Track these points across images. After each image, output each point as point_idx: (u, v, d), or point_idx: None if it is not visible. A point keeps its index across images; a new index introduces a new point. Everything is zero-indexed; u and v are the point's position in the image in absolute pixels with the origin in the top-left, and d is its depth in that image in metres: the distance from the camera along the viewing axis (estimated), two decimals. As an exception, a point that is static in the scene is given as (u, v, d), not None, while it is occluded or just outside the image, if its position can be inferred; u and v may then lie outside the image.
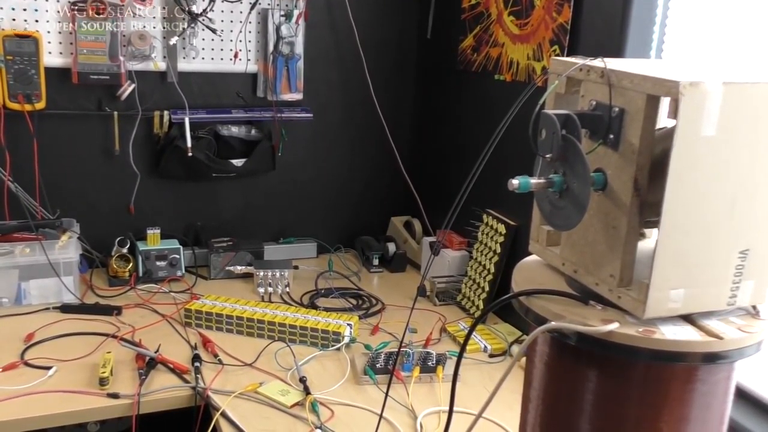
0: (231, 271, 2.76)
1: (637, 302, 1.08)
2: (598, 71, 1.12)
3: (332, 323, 2.27)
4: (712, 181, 1.03)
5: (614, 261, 1.11)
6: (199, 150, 2.74)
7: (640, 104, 1.04)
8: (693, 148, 1.01)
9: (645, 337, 1.04)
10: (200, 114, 2.76)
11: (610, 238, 1.12)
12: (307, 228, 3.09)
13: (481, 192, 2.26)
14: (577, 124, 1.09)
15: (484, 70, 2.59)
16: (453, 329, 2.39)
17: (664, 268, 1.05)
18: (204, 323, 2.34)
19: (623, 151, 1.08)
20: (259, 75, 2.84)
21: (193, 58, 2.71)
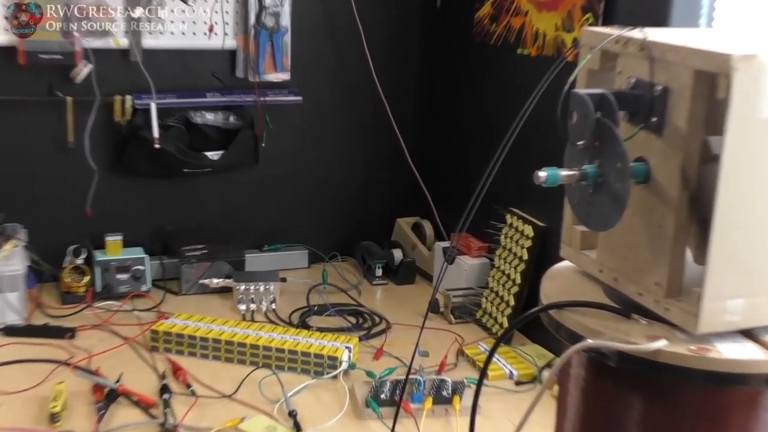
0: (206, 285, 2.77)
1: (688, 315, 1.08)
2: (638, 43, 1.13)
3: (327, 346, 2.29)
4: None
5: (660, 267, 1.12)
6: (168, 141, 2.76)
7: (686, 81, 1.05)
8: (749, 132, 1.02)
9: (698, 356, 1.05)
10: (169, 98, 2.77)
11: (655, 240, 1.13)
12: (296, 233, 3.10)
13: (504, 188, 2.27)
14: (613, 105, 1.10)
15: (505, 43, 2.61)
16: (472, 352, 2.40)
17: (719, 273, 1.06)
18: (174, 347, 2.35)
19: (668, 136, 1.09)
20: (239, 52, 2.85)
21: (160, 33, 2.72)
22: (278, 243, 3.07)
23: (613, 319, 1.15)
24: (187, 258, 2.80)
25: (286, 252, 3.06)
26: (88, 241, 2.75)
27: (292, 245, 3.08)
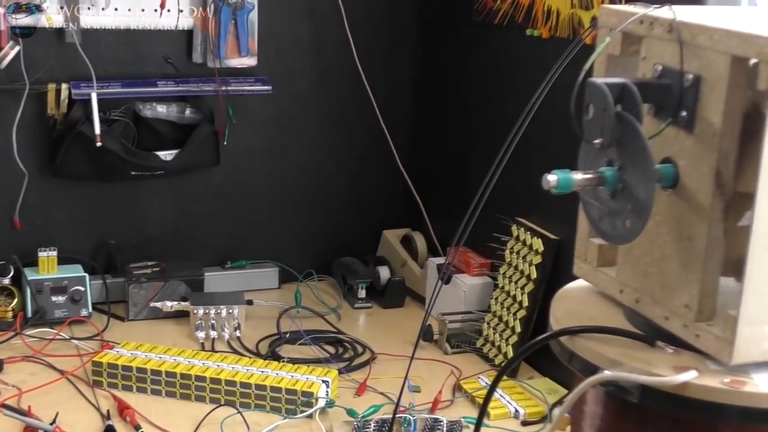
0: (158, 309, 2.77)
1: (721, 342, 1.10)
2: (666, 24, 1.15)
3: (301, 380, 2.29)
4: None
5: (690, 285, 1.13)
6: (112, 138, 2.76)
7: (722, 69, 1.07)
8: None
9: (733, 390, 1.06)
10: (113, 87, 2.78)
11: (684, 254, 1.14)
12: (265, 247, 3.11)
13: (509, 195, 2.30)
14: (636, 96, 1.11)
15: (512, 23, 2.63)
16: (471, 387, 2.42)
17: (757, 294, 1.07)
18: (120, 382, 2.36)
19: (700, 133, 1.10)
20: (196, 32, 2.86)
21: (102, 10, 2.73)
22: (243, 259, 3.08)
23: (635, 348, 1.17)
24: (135, 277, 2.80)
25: (253, 270, 3.07)
26: (16, 257, 2.75)
27: (259, 262, 3.09)
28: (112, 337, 2.63)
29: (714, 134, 1.09)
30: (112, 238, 2.94)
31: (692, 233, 1.13)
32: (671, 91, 1.13)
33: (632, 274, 1.24)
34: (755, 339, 1.09)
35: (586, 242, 1.33)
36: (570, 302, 1.32)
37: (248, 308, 2.79)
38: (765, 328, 1.09)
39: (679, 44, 1.12)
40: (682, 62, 1.12)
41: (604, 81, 1.12)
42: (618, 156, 1.14)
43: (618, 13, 1.23)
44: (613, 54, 1.24)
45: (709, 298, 1.13)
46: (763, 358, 1.11)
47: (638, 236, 1.15)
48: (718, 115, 1.08)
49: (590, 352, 1.17)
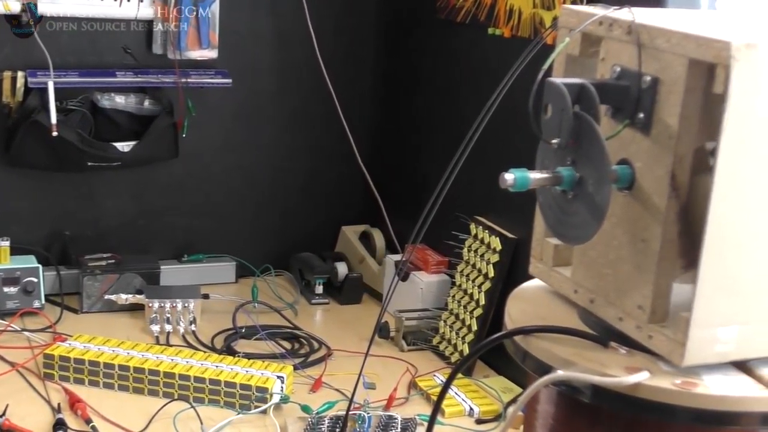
0: (112, 302, 2.76)
1: (673, 344, 1.11)
2: (625, 25, 1.15)
3: (256, 376, 2.29)
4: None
5: (644, 287, 1.14)
6: (68, 128, 2.74)
7: (679, 72, 1.08)
8: (749, 132, 1.04)
9: (684, 391, 1.07)
10: (71, 77, 2.76)
11: (638, 256, 1.15)
12: (222, 241, 3.10)
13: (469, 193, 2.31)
14: (594, 97, 1.12)
15: (474, 21, 2.63)
16: (426, 384, 2.42)
17: (710, 297, 1.08)
18: (72, 375, 2.34)
19: (657, 135, 1.11)
20: (156, 23, 2.85)
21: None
22: (200, 253, 3.07)
23: (589, 348, 1.17)
24: (89, 269, 2.79)
25: (210, 264, 3.06)
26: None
27: (216, 256, 3.08)
28: (65, 330, 2.61)
29: (670, 137, 1.09)
30: (67, 229, 2.92)
31: (647, 235, 1.13)
32: (629, 92, 1.14)
33: (587, 274, 1.24)
34: (707, 341, 1.10)
35: (542, 242, 1.34)
36: (525, 302, 1.33)
37: (204, 302, 2.78)
38: (717, 331, 1.10)
39: (638, 46, 1.13)
40: (640, 64, 1.12)
41: (563, 81, 1.12)
42: (575, 156, 1.15)
43: (578, 13, 1.24)
44: (572, 54, 1.25)
45: (663, 299, 1.14)
46: (714, 360, 1.12)
47: (594, 237, 1.15)
48: (674, 118, 1.09)
49: (544, 352, 1.18)
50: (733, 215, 1.07)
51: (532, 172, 1.15)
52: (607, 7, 1.21)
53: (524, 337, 1.21)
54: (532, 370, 1.19)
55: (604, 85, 1.15)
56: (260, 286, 2.96)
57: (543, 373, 1.15)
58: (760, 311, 1.12)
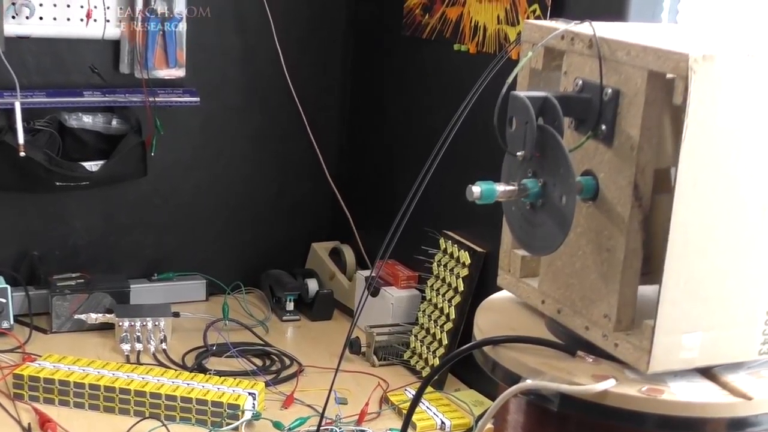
0: (82, 321, 2.75)
1: (639, 351, 1.13)
2: (586, 39, 1.17)
3: (228, 393, 2.29)
4: (734, 186, 1.09)
5: (610, 296, 1.16)
6: (36, 148, 2.73)
7: (639, 84, 1.10)
8: (709, 142, 1.06)
9: (650, 398, 1.09)
10: (38, 97, 2.75)
11: (603, 265, 1.17)
12: (192, 259, 3.10)
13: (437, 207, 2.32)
14: (558, 110, 1.13)
15: (440, 38, 2.65)
16: (398, 399, 2.43)
17: (674, 304, 1.10)
18: (42, 395, 2.33)
19: (619, 146, 1.13)
20: (123, 42, 2.85)
21: (26, 18, 2.70)
22: (170, 271, 3.06)
23: (557, 357, 1.19)
24: (59, 289, 2.77)
25: (180, 282, 3.05)
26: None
27: (186, 274, 3.07)
28: (35, 350, 2.60)
29: (632, 148, 1.11)
30: (36, 248, 2.90)
31: (611, 245, 1.15)
32: (591, 104, 1.16)
33: (554, 284, 1.26)
34: (672, 348, 1.12)
35: (510, 253, 1.36)
36: (494, 313, 1.34)
37: (175, 320, 2.77)
38: (681, 337, 1.12)
39: (599, 59, 1.14)
40: (601, 77, 1.14)
41: (527, 94, 1.14)
42: (540, 168, 1.16)
43: (540, 28, 1.26)
44: (535, 68, 1.27)
45: (628, 308, 1.16)
46: (679, 367, 1.13)
47: (559, 248, 1.17)
48: (635, 129, 1.11)
49: (512, 362, 1.19)
50: (695, 223, 1.09)
51: (498, 185, 1.17)
52: (569, 22, 1.22)
53: (493, 348, 1.22)
54: (501, 379, 1.20)
55: (567, 98, 1.17)
56: (231, 304, 2.95)
57: (512, 382, 1.16)
58: (723, 317, 1.14)
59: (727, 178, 1.09)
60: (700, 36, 1.31)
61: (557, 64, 1.25)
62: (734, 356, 1.16)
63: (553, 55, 1.25)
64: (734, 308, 1.14)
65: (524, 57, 1.26)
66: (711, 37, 1.31)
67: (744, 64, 1.06)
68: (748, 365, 1.17)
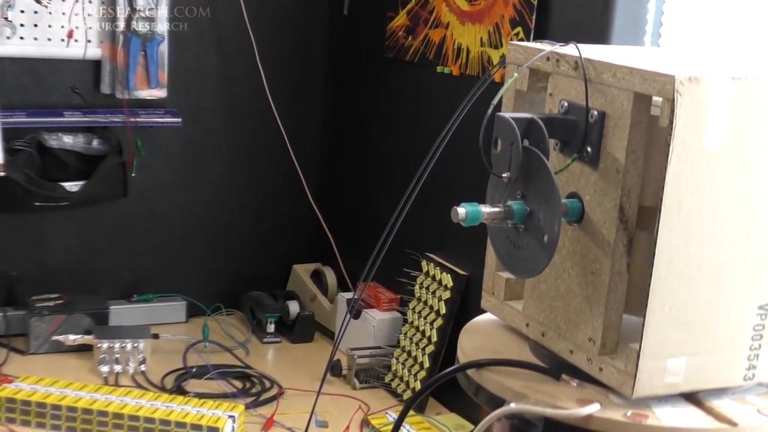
0: (60, 343, 2.73)
1: (624, 376, 1.12)
2: (572, 61, 1.17)
3: (207, 415, 2.27)
4: (720, 209, 1.09)
5: (594, 319, 1.16)
6: (15, 168, 2.72)
7: (625, 106, 1.10)
8: (694, 165, 1.06)
9: (635, 423, 1.09)
10: (17, 116, 2.74)
11: (588, 288, 1.16)
12: (172, 280, 3.08)
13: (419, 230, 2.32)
14: (543, 131, 1.13)
15: (423, 60, 2.66)
16: (379, 422, 2.42)
17: (659, 328, 1.10)
18: (18, 417, 2.30)
19: (605, 169, 1.13)
20: (105, 63, 2.84)
21: (7, 38, 2.69)
22: (150, 293, 3.05)
23: (541, 381, 1.18)
24: (37, 310, 2.75)
25: (160, 303, 3.03)
26: None
27: (166, 295, 3.05)
28: (12, 371, 2.57)
29: (618, 170, 1.11)
30: (14, 269, 2.88)
31: (596, 268, 1.15)
32: (577, 126, 1.16)
33: (538, 307, 1.26)
34: (657, 372, 1.12)
35: (494, 276, 1.35)
36: (477, 335, 1.33)
37: (154, 342, 2.75)
38: (667, 362, 1.12)
39: (585, 81, 1.14)
40: (587, 99, 1.14)
41: (512, 115, 1.14)
42: (525, 190, 1.16)
43: (525, 49, 1.26)
44: (520, 90, 1.27)
45: (613, 331, 1.15)
46: (664, 392, 1.13)
47: (544, 270, 1.16)
48: (621, 152, 1.11)
49: (496, 385, 1.18)
50: (680, 247, 1.09)
51: (483, 206, 1.17)
52: (554, 44, 1.23)
53: (477, 371, 1.22)
54: (484, 403, 1.20)
55: (552, 120, 1.17)
56: (211, 326, 2.94)
57: (495, 406, 1.16)
58: (708, 342, 1.13)
59: (711, 202, 1.09)
60: (685, 59, 1.31)
61: (542, 85, 1.25)
62: (719, 381, 1.16)
63: (538, 76, 1.25)
64: (719, 333, 1.14)
65: (510, 78, 1.26)
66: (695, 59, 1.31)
67: (730, 87, 1.06)
68: (733, 391, 1.17)
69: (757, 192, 1.11)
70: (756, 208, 1.11)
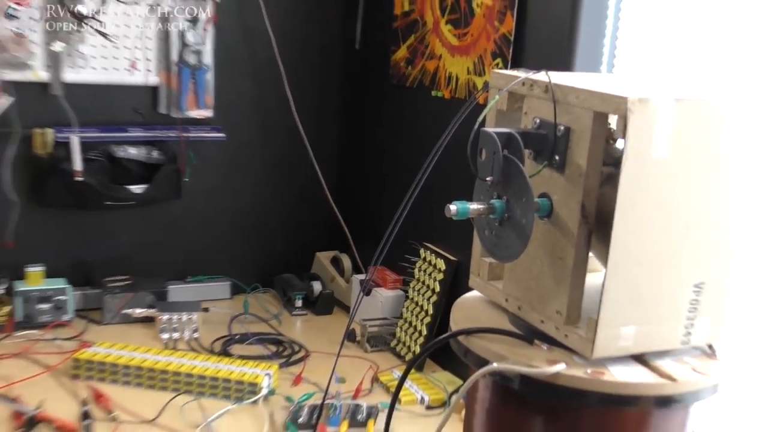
0: (129, 315, 2.73)
1: (585, 341, 1.12)
2: (543, 86, 1.18)
3: (248, 373, 2.27)
4: (664, 206, 1.09)
5: (561, 296, 1.16)
6: (90, 174, 2.72)
7: (586, 122, 1.10)
8: (643, 170, 1.06)
9: (593, 379, 1.09)
10: (91, 132, 2.74)
11: (556, 271, 1.16)
12: (218, 265, 3.08)
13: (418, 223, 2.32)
14: (519, 143, 1.13)
15: (420, 85, 2.66)
16: (386, 378, 2.42)
17: (613, 303, 1.10)
18: (96, 375, 2.31)
19: (570, 173, 1.13)
20: (162, 88, 2.84)
21: (81, 68, 2.70)
22: (201, 274, 3.05)
23: (517, 345, 1.19)
24: (109, 288, 2.76)
25: (209, 283, 3.03)
26: (7, 272, 2.69)
27: (214, 277, 3.05)
28: (90, 338, 2.57)
29: (580, 175, 1.11)
30: (90, 256, 2.89)
31: (563, 254, 1.15)
32: (547, 139, 1.16)
33: (515, 286, 1.26)
34: (612, 338, 1.12)
35: (479, 260, 1.35)
36: (466, 309, 1.34)
37: (204, 314, 2.75)
38: (620, 330, 1.12)
39: (553, 102, 1.14)
40: (555, 116, 1.14)
41: (494, 130, 1.14)
42: (505, 191, 1.16)
43: (505, 76, 1.26)
44: (501, 109, 1.27)
45: (576, 306, 1.15)
46: (617, 354, 1.13)
47: (520, 256, 1.17)
48: (583, 159, 1.11)
49: (482, 349, 1.19)
50: (630, 237, 1.09)
51: (471, 204, 1.17)
52: (528, 71, 1.23)
53: (466, 337, 1.22)
54: (472, 363, 1.20)
55: (527, 134, 1.17)
56: (251, 301, 2.94)
57: (481, 365, 1.16)
58: (653, 313, 1.14)
59: (657, 200, 1.09)
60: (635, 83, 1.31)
61: (519, 105, 1.25)
62: (662, 345, 1.16)
63: (515, 98, 1.25)
64: (662, 306, 1.14)
65: (492, 100, 1.26)
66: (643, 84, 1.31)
67: (672, 106, 1.06)
68: (673, 353, 1.17)
69: (694, 191, 1.11)
70: (693, 204, 1.11)
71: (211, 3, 2.80)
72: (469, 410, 1.29)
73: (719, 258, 1.15)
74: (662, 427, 1.14)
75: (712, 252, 1.14)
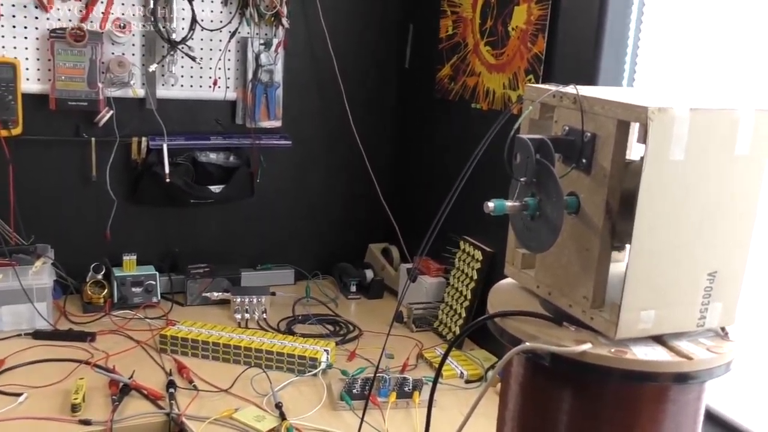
0: (208, 298, 2.75)
1: (609, 323, 1.10)
2: (571, 98, 1.15)
3: (309, 349, 2.27)
4: (680, 204, 1.06)
5: (587, 283, 1.13)
6: (177, 176, 2.75)
7: (611, 129, 1.07)
8: (662, 171, 1.04)
9: (617, 357, 1.06)
10: (178, 140, 2.76)
11: (583, 260, 1.14)
12: (284, 254, 3.09)
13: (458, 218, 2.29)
14: (550, 148, 1.11)
15: (461, 99, 2.63)
16: (429, 355, 2.40)
17: (634, 289, 1.07)
18: (179, 349, 2.33)
19: (595, 174, 1.10)
20: (238, 102, 2.86)
21: (171, 85, 2.73)
22: (269, 263, 3.06)
23: (548, 327, 1.16)
24: (191, 275, 2.78)
25: (276, 270, 3.04)
26: (106, 259, 2.73)
27: (280, 265, 3.06)
28: (175, 317, 2.60)
29: (605, 176, 1.09)
30: (176, 246, 2.91)
31: (589, 246, 1.13)
32: (575, 144, 1.14)
33: (546, 274, 1.23)
34: (633, 321, 1.09)
35: (514, 251, 1.33)
36: (501, 294, 1.32)
37: (272, 298, 2.77)
38: (640, 314, 1.09)
39: (581, 112, 1.12)
40: (582, 124, 1.12)
41: (528, 137, 1.13)
42: (537, 190, 1.14)
43: (538, 89, 1.24)
44: (534, 118, 1.25)
45: (601, 291, 1.13)
46: (639, 335, 1.11)
47: (551, 248, 1.14)
48: (607, 162, 1.08)
49: (516, 329, 1.17)
50: (650, 231, 1.06)
51: (507, 201, 1.15)
52: (558, 85, 1.20)
53: (502, 319, 1.20)
54: (507, 342, 1.18)
55: (557, 140, 1.15)
56: (311, 286, 2.94)
57: (515, 344, 1.14)
58: (671, 299, 1.11)
59: (674, 197, 1.06)
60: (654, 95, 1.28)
61: (550, 115, 1.23)
62: (679, 327, 1.13)
63: (546, 108, 1.23)
64: (679, 293, 1.11)
65: (526, 110, 1.24)
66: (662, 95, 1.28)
67: (688, 115, 1.03)
68: (689, 334, 1.14)
69: (707, 190, 1.08)
70: (706, 201, 1.08)
71: (282, 30, 2.80)
72: (505, 384, 1.26)
73: (730, 249, 1.12)
74: (679, 401, 1.11)
75: (723, 244, 1.11)
